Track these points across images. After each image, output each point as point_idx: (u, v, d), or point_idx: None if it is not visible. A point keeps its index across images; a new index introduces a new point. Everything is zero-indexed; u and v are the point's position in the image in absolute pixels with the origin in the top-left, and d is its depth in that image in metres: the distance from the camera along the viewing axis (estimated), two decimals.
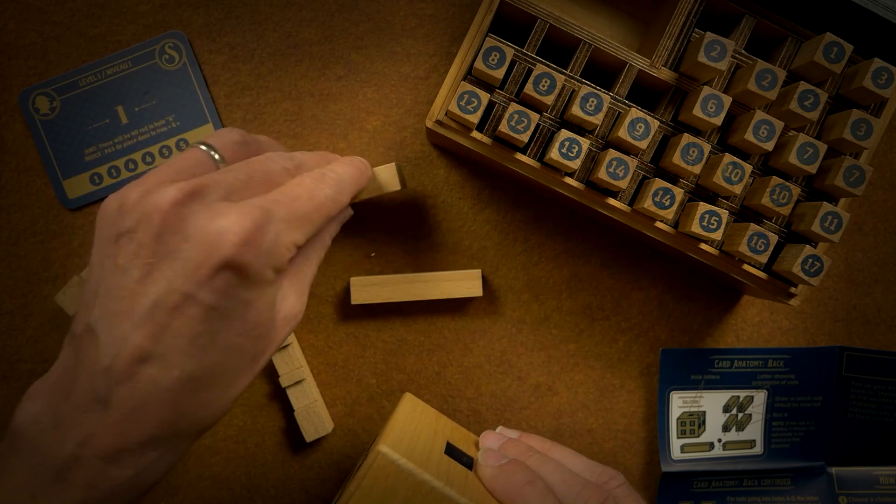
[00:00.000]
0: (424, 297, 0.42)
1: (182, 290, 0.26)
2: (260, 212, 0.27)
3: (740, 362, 0.45)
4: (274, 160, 0.31)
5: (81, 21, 0.43)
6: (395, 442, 0.31)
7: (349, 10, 0.43)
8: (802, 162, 0.36)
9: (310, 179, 0.31)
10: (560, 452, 0.36)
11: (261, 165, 0.30)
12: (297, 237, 0.29)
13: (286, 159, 0.31)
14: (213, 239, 0.26)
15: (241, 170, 0.29)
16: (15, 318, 0.43)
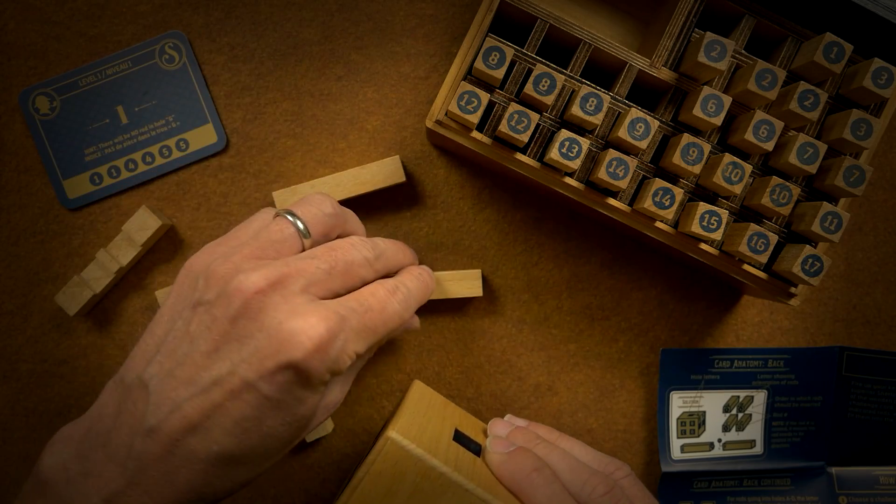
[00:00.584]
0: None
1: (244, 376, 0.27)
2: (336, 319, 0.28)
3: (740, 362, 0.45)
4: (357, 248, 0.32)
5: (81, 21, 0.43)
6: (405, 428, 0.31)
7: (349, 10, 0.43)
8: (802, 162, 0.36)
9: (383, 291, 0.31)
10: (567, 442, 0.37)
11: (343, 254, 0.31)
12: (360, 348, 0.30)
13: (368, 248, 0.32)
14: (286, 337, 0.27)
15: (324, 258, 0.30)
16: (15, 318, 0.43)
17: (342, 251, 0.31)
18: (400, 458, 0.30)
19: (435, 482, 0.30)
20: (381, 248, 0.33)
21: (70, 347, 0.43)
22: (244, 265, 0.29)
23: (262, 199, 0.43)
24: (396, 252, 0.35)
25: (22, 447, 0.43)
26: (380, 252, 0.33)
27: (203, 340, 0.28)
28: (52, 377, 0.43)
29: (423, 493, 0.30)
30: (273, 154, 0.43)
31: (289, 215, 0.32)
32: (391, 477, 0.30)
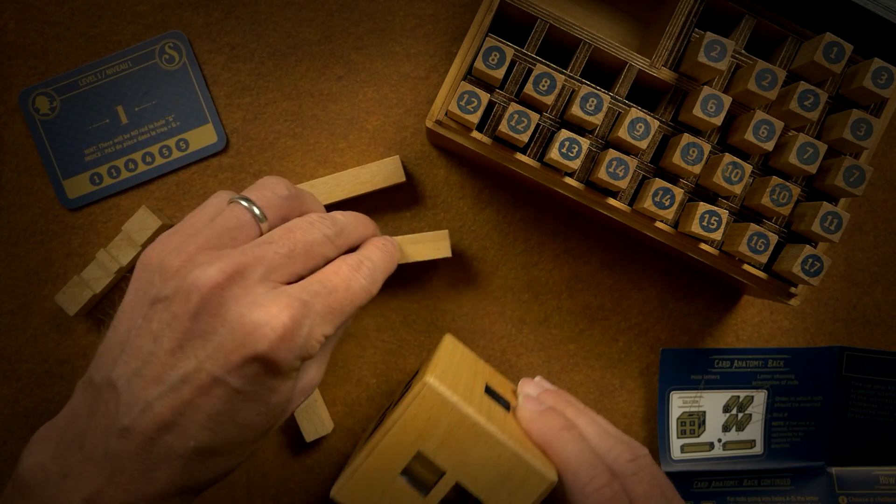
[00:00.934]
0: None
1: (211, 372, 0.27)
2: (298, 306, 0.28)
3: (740, 362, 0.45)
4: (316, 226, 0.31)
5: (81, 21, 0.43)
6: (441, 376, 0.32)
7: (349, 10, 0.43)
8: (802, 162, 0.36)
9: (347, 268, 0.31)
10: (593, 414, 0.37)
11: (302, 235, 0.30)
12: (329, 330, 0.29)
13: (327, 225, 0.31)
14: (249, 330, 0.27)
15: (282, 242, 0.29)
16: (15, 318, 0.43)
17: (301, 231, 0.30)
18: (435, 403, 0.31)
19: (468, 430, 0.31)
20: (341, 224, 0.32)
21: (70, 347, 0.43)
22: (200, 257, 0.28)
23: None
24: (357, 225, 0.34)
25: (22, 447, 0.43)
26: (340, 227, 0.32)
27: (166, 338, 0.27)
28: (52, 377, 0.43)
29: (456, 440, 0.31)
30: (273, 154, 0.43)
31: (243, 201, 0.31)
32: (425, 421, 0.31)
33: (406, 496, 0.31)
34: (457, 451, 0.31)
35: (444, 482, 0.31)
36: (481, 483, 0.31)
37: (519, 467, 0.31)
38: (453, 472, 0.31)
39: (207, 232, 0.29)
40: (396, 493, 0.31)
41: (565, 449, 0.31)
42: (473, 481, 0.31)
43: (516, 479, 0.31)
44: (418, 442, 0.31)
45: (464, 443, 0.31)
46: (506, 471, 0.31)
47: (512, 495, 0.31)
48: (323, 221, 0.31)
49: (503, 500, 0.31)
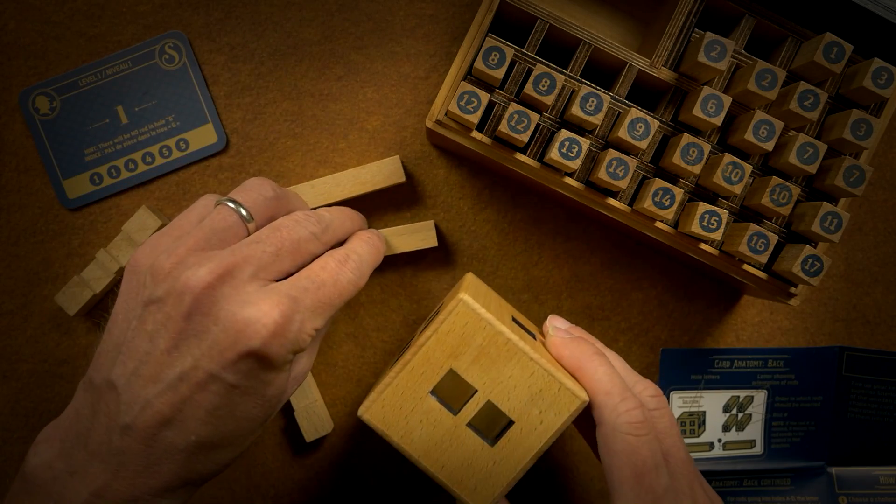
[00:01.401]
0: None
1: (207, 369, 0.27)
2: (288, 302, 0.28)
3: (740, 362, 0.45)
4: (302, 224, 0.32)
5: (81, 21, 0.43)
6: (473, 296, 0.32)
7: (349, 10, 0.43)
8: (802, 162, 0.36)
9: (334, 263, 0.31)
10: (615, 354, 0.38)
11: (289, 233, 0.31)
12: (319, 323, 0.30)
13: (313, 223, 0.32)
14: (242, 328, 0.27)
15: (270, 241, 0.30)
16: (15, 318, 0.43)
17: (287, 230, 0.31)
18: (470, 320, 0.31)
19: (501, 347, 0.31)
20: (326, 220, 0.33)
21: (70, 347, 0.43)
22: (190, 259, 0.29)
23: None
24: (343, 220, 0.35)
25: (22, 447, 0.43)
26: (326, 224, 0.33)
27: (161, 338, 0.28)
28: (52, 377, 0.43)
29: (489, 357, 0.31)
30: (273, 154, 0.43)
31: (230, 202, 0.32)
32: (459, 337, 0.31)
33: (436, 415, 0.32)
34: (489, 368, 0.31)
35: (475, 400, 0.32)
36: (513, 401, 0.31)
37: (551, 385, 0.31)
38: (485, 390, 0.31)
39: (196, 234, 0.30)
40: (426, 412, 0.32)
41: (597, 372, 0.31)
42: (505, 399, 0.31)
43: (548, 397, 0.31)
44: (451, 359, 0.31)
45: (497, 360, 0.31)
46: (538, 389, 0.31)
47: (544, 414, 0.31)
48: (309, 219, 0.32)
49: (534, 418, 0.31)
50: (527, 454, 0.32)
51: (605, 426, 0.30)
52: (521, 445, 0.32)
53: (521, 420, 0.32)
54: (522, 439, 0.31)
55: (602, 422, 0.30)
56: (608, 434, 0.30)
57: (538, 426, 0.31)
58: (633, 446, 0.29)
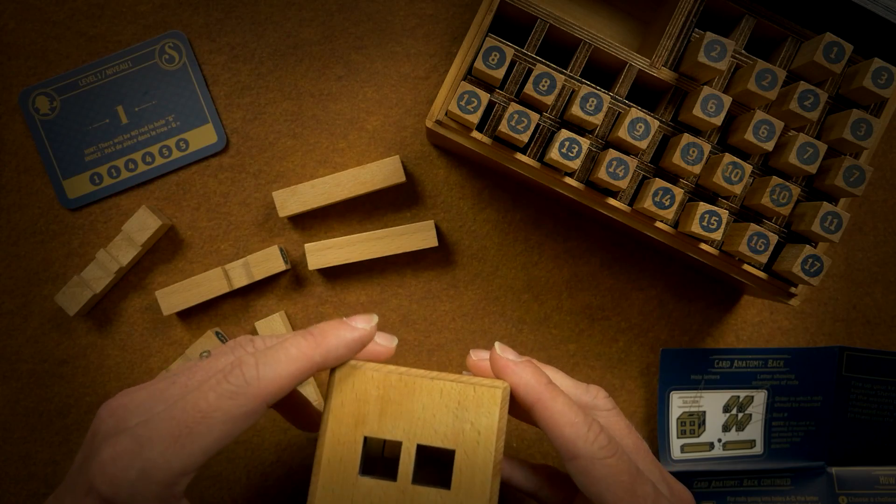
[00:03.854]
0: (382, 254, 0.42)
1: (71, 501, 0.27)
2: (128, 441, 0.26)
3: (740, 362, 0.45)
4: (212, 371, 0.29)
5: (81, 21, 0.43)
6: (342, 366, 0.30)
7: (349, 10, 0.43)
8: (802, 162, 0.36)
9: (211, 378, 0.27)
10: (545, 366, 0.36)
11: (189, 375, 0.29)
12: (180, 463, 0.26)
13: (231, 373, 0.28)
14: (96, 463, 0.26)
15: (175, 380, 0.29)
16: (15, 318, 0.43)
17: (208, 363, 0.29)
18: (354, 379, 0.29)
19: (398, 386, 0.29)
20: (247, 375, 0.27)
21: (70, 347, 0.43)
22: (130, 390, 0.29)
23: (262, 198, 0.43)
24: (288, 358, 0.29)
25: (22, 447, 0.43)
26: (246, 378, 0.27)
27: (75, 462, 0.29)
28: (52, 377, 0.43)
29: (393, 403, 0.29)
30: (273, 154, 0.43)
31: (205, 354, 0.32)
32: (354, 403, 0.29)
33: (378, 492, 0.29)
34: (400, 413, 0.29)
35: (406, 453, 0.29)
36: (441, 430, 0.29)
37: (466, 392, 0.29)
38: (409, 437, 0.29)
39: (157, 377, 0.30)
40: (368, 495, 0.29)
41: (557, 402, 0.30)
42: (433, 433, 0.29)
43: (470, 405, 0.29)
44: (359, 428, 0.29)
45: (402, 401, 0.29)
46: (456, 404, 0.29)
47: (476, 423, 0.29)
48: (246, 343, 0.30)
49: (470, 433, 0.29)
50: (486, 473, 0.29)
51: (583, 458, 0.29)
52: (475, 468, 0.29)
53: (460, 443, 0.29)
54: (473, 461, 0.29)
55: (577, 455, 0.29)
56: (588, 465, 0.29)
57: (479, 438, 0.29)
58: (615, 467, 0.29)
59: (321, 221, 0.43)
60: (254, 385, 0.26)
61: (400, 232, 0.42)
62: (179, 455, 0.25)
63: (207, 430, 0.26)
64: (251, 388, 0.26)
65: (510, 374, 0.31)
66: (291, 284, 0.43)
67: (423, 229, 0.42)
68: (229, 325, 0.43)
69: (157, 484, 0.25)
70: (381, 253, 0.42)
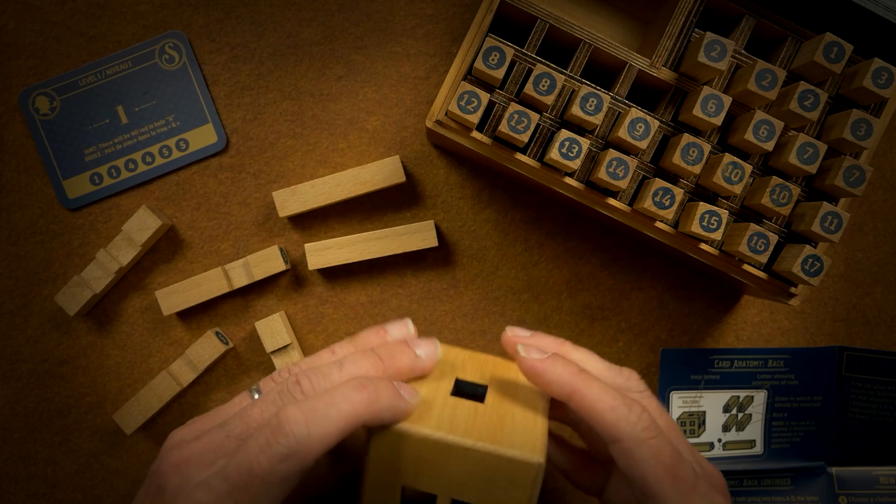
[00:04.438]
0: (382, 254, 0.42)
1: None
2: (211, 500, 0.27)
3: (740, 362, 0.45)
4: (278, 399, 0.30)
5: (81, 21, 0.43)
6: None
7: (349, 10, 0.43)
8: (802, 162, 0.36)
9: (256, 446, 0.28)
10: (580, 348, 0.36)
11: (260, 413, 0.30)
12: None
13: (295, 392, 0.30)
14: None
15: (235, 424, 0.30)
16: (15, 318, 0.43)
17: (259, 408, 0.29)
18: (390, 440, 0.30)
19: (434, 450, 0.29)
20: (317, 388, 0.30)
21: (70, 347, 0.43)
22: (188, 435, 0.30)
23: (262, 199, 0.43)
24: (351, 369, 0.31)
25: (22, 447, 0.43)
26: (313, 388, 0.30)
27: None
28: (52, 377, 0.43)
29: (428, 463, 0.30)
30: (273, 154, 0.43)
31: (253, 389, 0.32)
32: (390, 461, 0.30)
33: None
34: (435, 471, 0.30)
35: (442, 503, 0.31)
36: (473, 491, 0.30)
37: (500, 464, 0.29)
38: (444, 492, 0.30)
39: (206, 416, 0.31)
40: None
41: (592, 389, 0.30)
42: (465, 492, 0.30)
43: (503, 476, 0.30)
44: (397, 480, 0.30)
45: (437, 462, 0.30)
46: (490, 472, 0.30)
47: (507, 491, 0.30)
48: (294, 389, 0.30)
49: (502, 498, 0.30)
50: None
51: (626, 440, 0.29)
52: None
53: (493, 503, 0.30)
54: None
55: (620, 437, 0.29)
56: (631, 447, 0.29)
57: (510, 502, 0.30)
58: (657, 448, 0.29)
59: (321, 221, 0.43)
60: (304, 445, 0.27)
61: (400, 232, 0.42)
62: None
63: (266, 491, 0.27)
64: (302, 449, 0.27)
65: (540, 374, 0.31)
66: (291, 284, 0.43)
67: (423, 229, 0.42)
68: (229, 325, 0.43)
69: None
70: (381, 253, 0.42)
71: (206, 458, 0.28)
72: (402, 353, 0.32)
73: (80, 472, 0.43)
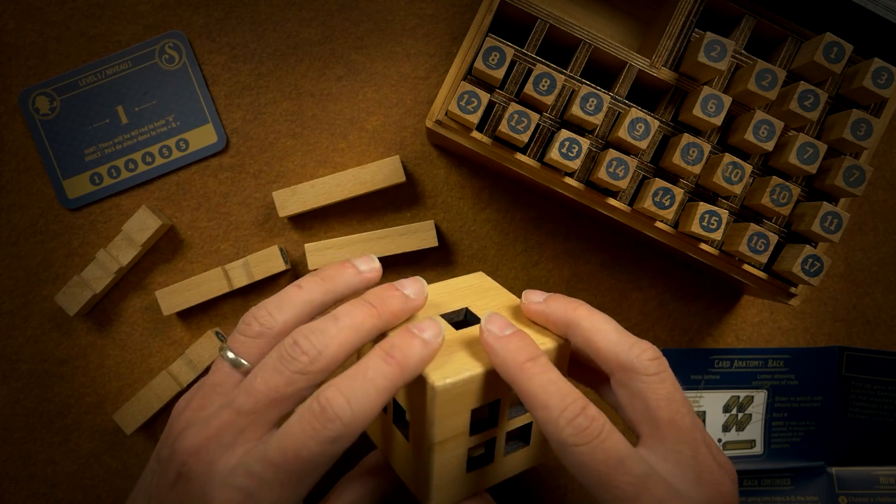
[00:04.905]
0: (382, 254, 0.42)
1: None
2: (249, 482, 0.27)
3: (740, 362, 0.45)
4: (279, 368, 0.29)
5: (81, 21, 0.43)
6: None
7: (349, 10, 0.43)
8: (802, 162, 0.36)
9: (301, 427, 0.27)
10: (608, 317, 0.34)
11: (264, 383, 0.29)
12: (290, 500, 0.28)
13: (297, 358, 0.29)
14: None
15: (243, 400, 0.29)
16: (15, 318, 0.43)
17: (262, 379, 0.28)
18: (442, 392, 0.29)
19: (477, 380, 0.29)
20: (317, 346, 0.28)
21: (70, 347, 0.43)
22: (194, 417, 0.29)
23: (262, 199, 0.43)
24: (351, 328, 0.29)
25: (22, 447, 0.43)
26: (317, 351, 0.28)
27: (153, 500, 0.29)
28: (52, 377, 0.43)
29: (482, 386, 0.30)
30: (273, 154, 0.43)
31: (225, 350, 0.30)
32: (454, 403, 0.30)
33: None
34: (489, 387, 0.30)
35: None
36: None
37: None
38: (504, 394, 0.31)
39: (201, 392, 0.30)
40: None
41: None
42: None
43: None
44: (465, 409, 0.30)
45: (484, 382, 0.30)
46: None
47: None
48: (294, 351, 0.28)
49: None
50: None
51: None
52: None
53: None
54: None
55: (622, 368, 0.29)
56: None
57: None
58: (653, 387, 0.29)
59: (321, 221, 0.43)
60: (351, 425, 0.27)
61: (400, 232, 0.42)
62: (292, 497, 0.28)
63: (314, 471, 0.28)
64: (349, 429, 0.27)
65: (537, 312, 0.32)
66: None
67: (423, 229, 0.42)
68: (229, 325, 0.43)
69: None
70: (381, 253, 0.42)
71: (224, 440, 0.28)
72: (392, 297, 0.31)
73: (80, 472, 0.43)
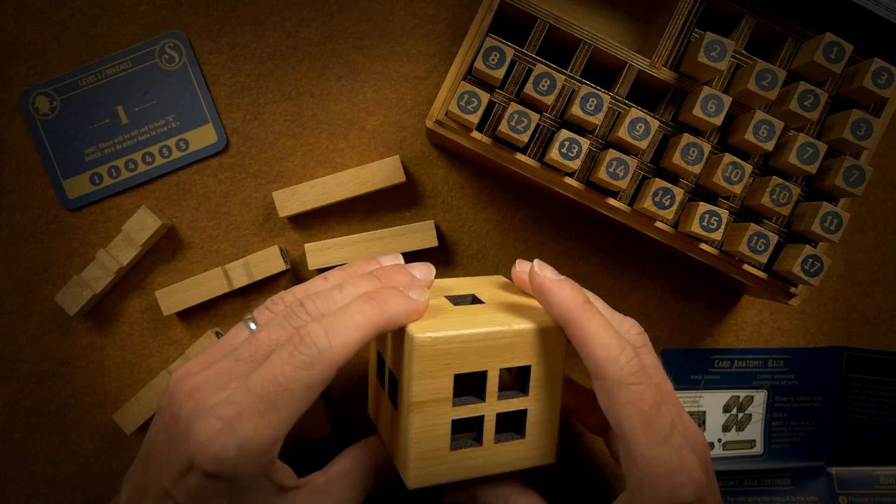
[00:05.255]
0: (382, 254, 0.42)
1: (163, 484, 0.28)
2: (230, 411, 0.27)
3: (740, 362, 0.45)
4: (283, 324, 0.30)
5: (81, 21, 0.43)
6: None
7: (349, 10, 0.43)
8: (802, 162, 0.36)
9: (281, 354, 0.28)
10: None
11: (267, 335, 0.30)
12: (270, 431, 0.27)
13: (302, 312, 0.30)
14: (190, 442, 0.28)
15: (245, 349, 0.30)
16: (15, 318, 0.43)
17: (266, 332, 0.30)
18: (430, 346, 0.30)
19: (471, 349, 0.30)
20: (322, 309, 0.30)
21: (70, 347, 0.43)
22: (194, 366, 0.30)
23: (262, 199, 0.43)
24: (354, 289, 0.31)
25: (22, 447, 0.43)
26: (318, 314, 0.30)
27: (152, 444, 0.30)
28: (52, 377, 0.43)
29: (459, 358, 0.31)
30: (273, 154, 0.43)
31: (247, 320, 0.32)
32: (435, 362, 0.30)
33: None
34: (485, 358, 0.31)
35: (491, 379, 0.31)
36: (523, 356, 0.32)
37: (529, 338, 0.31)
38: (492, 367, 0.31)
39: (210, 349, 0.31)
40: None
41: (592, 321, 0.30)
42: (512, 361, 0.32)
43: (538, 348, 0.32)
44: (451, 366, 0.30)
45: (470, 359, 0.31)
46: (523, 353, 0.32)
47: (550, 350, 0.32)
48: (299, 311, 0.30)
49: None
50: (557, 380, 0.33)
51: (609, 380, 0.29)
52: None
53: (536, 362, 0.32)
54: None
55: (605, 376, 0.30)
56: (613, 388, 0.29)
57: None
58: (638, 394, 0.29)
59: (321, 221, 0.43)
60: (327, 354, 0.28)
61: (400, 232, 0.42)
62: (269, 427, 0.27)
63: (290, 400, 0.27)
64: (325, 357, 0.28)
65: (546, 293, 0.32)
66: (291, 284, 0.43)
67: (423, 229, 0.42)
68: (229, 325, 0.43)
69: (254, 455, 0.27)
70: (382, 253, 0.42)
71: (219, 383, 0.29)
72: (398, 274, 0.33)
73: (80, 472, 0.43)
